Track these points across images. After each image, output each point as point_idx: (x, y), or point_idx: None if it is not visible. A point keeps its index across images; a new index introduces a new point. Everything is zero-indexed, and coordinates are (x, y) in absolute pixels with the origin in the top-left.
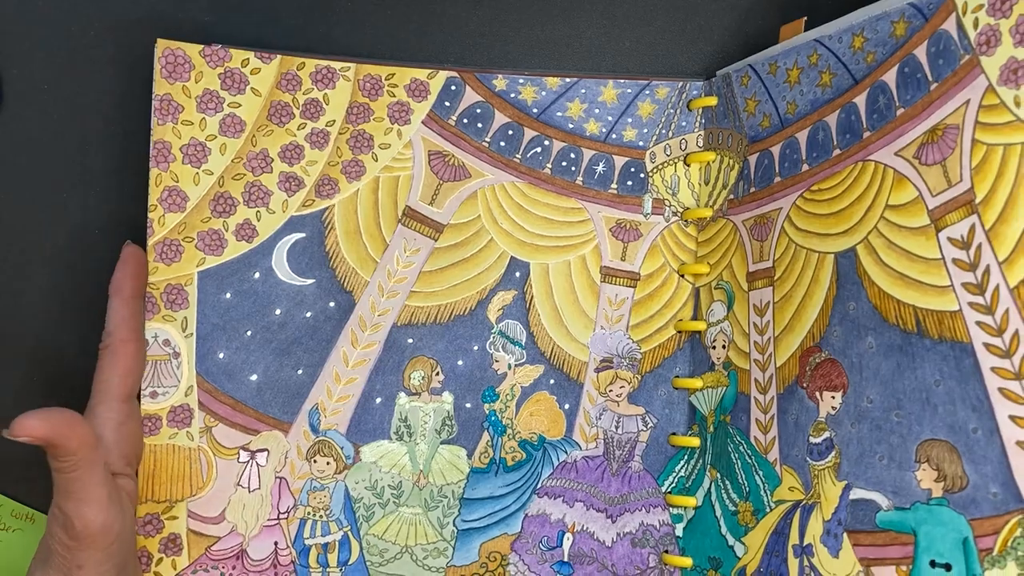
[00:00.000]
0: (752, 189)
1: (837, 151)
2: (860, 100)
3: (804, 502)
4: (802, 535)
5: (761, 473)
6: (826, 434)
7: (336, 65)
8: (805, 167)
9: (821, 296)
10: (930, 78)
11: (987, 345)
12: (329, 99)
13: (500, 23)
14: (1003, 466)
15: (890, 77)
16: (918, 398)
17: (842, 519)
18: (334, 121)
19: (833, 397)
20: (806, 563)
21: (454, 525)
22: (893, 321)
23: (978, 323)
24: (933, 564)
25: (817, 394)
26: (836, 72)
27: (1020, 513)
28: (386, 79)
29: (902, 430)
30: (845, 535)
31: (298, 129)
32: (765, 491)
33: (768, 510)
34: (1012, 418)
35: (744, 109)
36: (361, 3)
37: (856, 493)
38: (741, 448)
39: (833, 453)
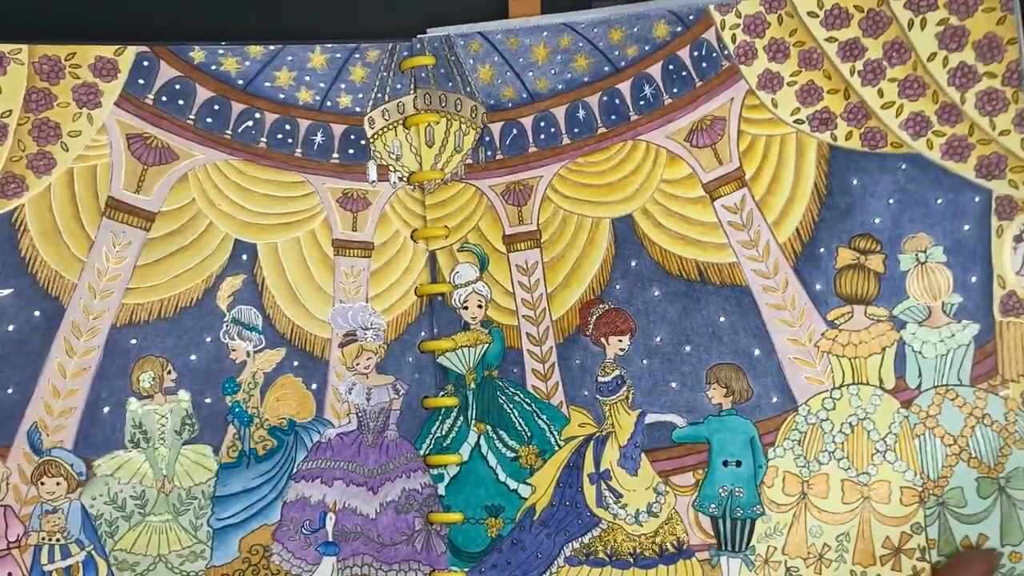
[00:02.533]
0: (500, 156)
1: (603, 129)
2: (624, 87)
3: (597, 434)
4: (597, 463)
5: (545, 416)
6: (615, 372)
7: (4, 48)
8: (566, 140)
9: (599, 256)
10: (695, 77)
11: (763, 287)
12: (1, 87)
13: None
14: (780, 378)
15: (655, 71)
16: (705, 332)
17: (638, 442)
18: (10, 111)
19: (620, 340)
20: (604, 487)
21: (208, 525)
22: (676, 273)
23: (754, 271)
24: (726, 464)
25: (603, 339)
26: (593, 58)
27: (794, 412)
28: (66, 59)
29: (693, 360)
30: (643, 455)
31: None
32: (551, 432)
33: (557, 448)
34: (788, 340)
35: (477, 76)
36: None
37: (651, 418)
38: (516, 398)
39: (625, 388)
